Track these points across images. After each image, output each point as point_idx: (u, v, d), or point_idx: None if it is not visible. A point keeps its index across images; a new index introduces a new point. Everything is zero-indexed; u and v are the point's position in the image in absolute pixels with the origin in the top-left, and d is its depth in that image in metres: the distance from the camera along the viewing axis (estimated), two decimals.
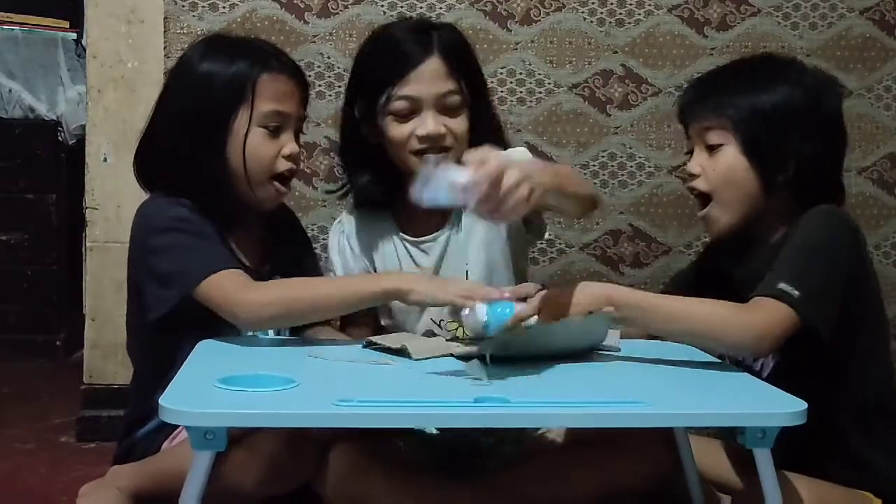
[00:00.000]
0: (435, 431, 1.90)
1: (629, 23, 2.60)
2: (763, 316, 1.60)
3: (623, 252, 2.63)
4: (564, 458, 1.80)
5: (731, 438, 1.47)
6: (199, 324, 1.73)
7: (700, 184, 1.82)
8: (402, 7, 2.54)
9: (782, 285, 1.61)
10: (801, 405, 1.39)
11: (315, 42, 2.54)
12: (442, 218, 1.97)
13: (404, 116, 1.87)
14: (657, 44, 2.61)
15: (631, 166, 2.62)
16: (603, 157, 2.60)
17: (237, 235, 1.89)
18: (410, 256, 1.98)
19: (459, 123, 1.90)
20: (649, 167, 2.62)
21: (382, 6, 2.55)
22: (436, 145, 1.88)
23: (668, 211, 2.64)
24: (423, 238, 1.98)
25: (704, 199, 1.83)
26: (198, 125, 1.82)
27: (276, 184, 1.87)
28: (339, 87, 2.54)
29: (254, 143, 1.83)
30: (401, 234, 1.99)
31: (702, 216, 1.85)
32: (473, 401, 1.38)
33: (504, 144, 1.95)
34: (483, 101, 1.97)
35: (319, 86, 2.54)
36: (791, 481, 1.60)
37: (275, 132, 1.84)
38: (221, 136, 1.82)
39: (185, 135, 1.82)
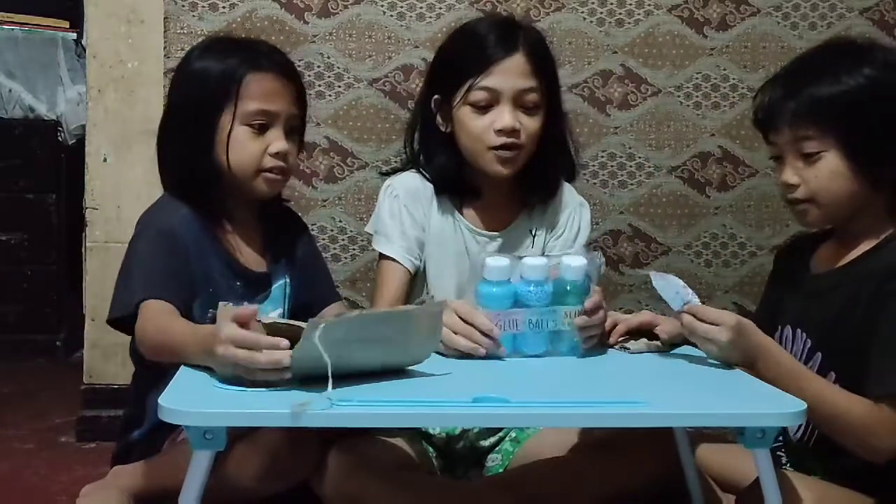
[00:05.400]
0: (436, 431, 1.90)
1: (629, 23, 2.60)
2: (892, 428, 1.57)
3: (623, 252, 2.63)
4: (564, 459, 1.80)
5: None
6: None
7: (800, 193, 1.71)
8: (401, 7, 2.54)
9: None
10: (801, 405, 1.39)
11: (315, 42, 2.54)
12: (500, 222, 2.00)
13: (482, 108, 1.90)
14: (657, 44, 2.61)
15: (630, 166, 2.62)
16: (602, 157, 2.60)
17: (237, 235, 1.90)
18: (476, 241, 1.99)
19: (534, 123, 1.93)
20: (649, 167, 2.62)
21: (382, 6, 2.55)
22: (510, 141, 1.89)
23: (667, 211, 2.64)
24: (480, 230, 2.00)
25: (802, 202, 1.72)
26: (188, 121, 1.85)
27: (265, 174, 1.86)
28: (339, 87, 2.54)
29: (237, 141, 1.84)
30: (460, 215, 2.00)
31: (798, 212, 1.74)
32: (473, 401, 1.38)
33: (569, 154, 2.01)
34: (557, 105, 2.00)
35: (319, 86, 2.54)
36: (792, 481, 1.59)
37: (260, 130, 1.85)
38: (209, 133, 1.84)
39: (179, 131, 1.87)
